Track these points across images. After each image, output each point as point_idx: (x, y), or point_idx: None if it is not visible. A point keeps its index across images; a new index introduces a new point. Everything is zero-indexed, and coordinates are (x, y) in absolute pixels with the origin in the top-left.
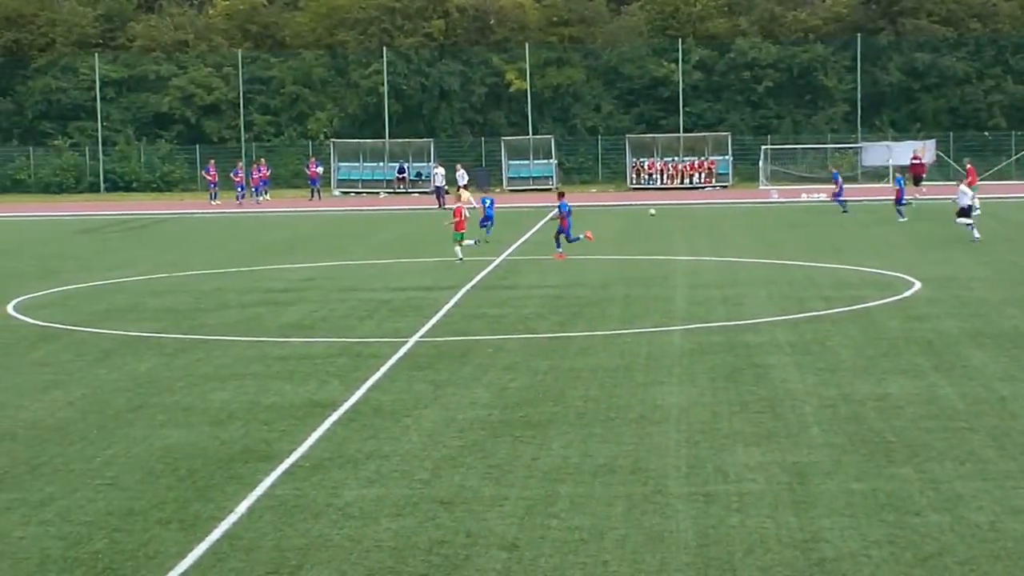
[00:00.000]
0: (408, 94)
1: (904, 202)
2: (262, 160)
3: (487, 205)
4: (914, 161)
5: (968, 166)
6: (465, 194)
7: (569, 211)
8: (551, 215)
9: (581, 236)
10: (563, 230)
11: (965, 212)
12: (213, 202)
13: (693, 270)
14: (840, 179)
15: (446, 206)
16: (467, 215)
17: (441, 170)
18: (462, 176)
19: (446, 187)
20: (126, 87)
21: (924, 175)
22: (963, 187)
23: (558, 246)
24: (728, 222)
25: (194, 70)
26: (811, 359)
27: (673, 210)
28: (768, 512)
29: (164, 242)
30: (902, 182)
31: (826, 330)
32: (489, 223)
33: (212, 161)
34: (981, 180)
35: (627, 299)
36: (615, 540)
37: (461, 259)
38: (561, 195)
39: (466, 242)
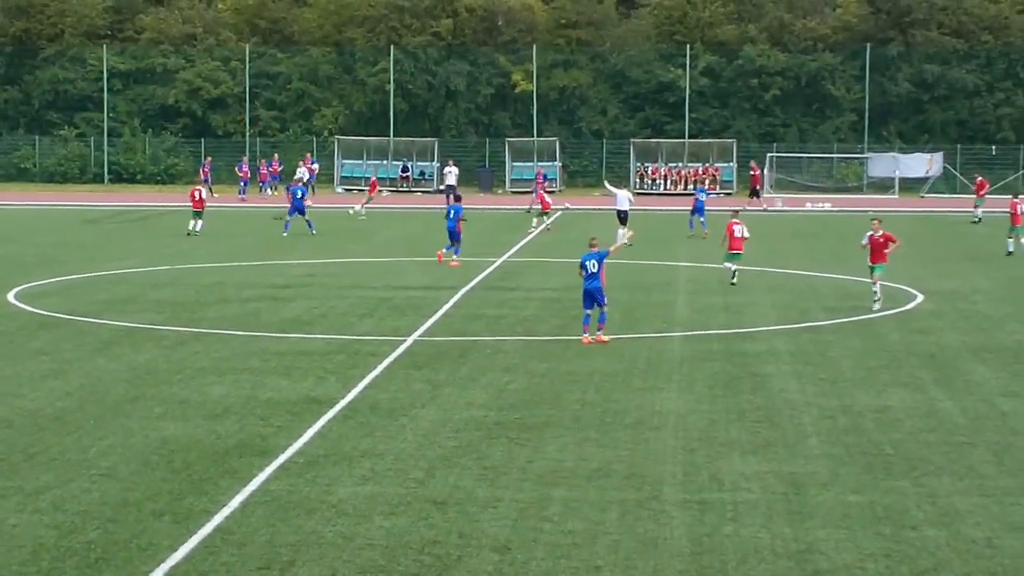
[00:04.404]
0: (414, 93)
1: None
2: (276, 156)
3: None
4: (752, 172)
5: (978, 179)
6: None
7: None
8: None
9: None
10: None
11: None
12: (241, 196)
13: (695, 277)
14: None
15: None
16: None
17: (455, 169)
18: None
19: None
20: (133, 79)
21: (760, 187)
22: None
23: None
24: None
25: (201, 64)
26: (811, 369)
27: (676, 217)
28: (763, 522)
29: (166, 234)
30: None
31: (827, 340)
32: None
33: (244, 158)
34: (988, 194)
35: (628, 304)
36: (608, 545)
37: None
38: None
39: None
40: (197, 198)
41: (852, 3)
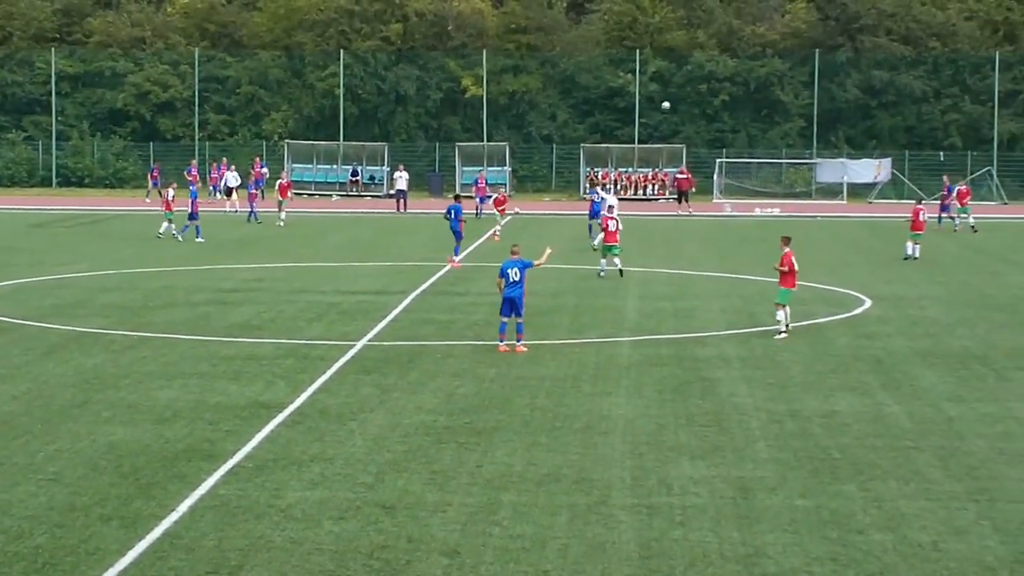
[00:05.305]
0: (364, 97)
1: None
2: (256, 159)
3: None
4: (679, 176)
5: (959, 188)
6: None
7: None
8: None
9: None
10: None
11: None
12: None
13: (644, 281)
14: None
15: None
16: None
17: (405, 174)
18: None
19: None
20: (82, 82)
21: (689, 190)
22: None
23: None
24: (681, 234)
25: (150, 67)
26: (760, 374)
27: (625, 221)
28: (711, 526)
29: (115, 238)
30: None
31: (776, 345)
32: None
33: (193, 162)
34: (936, 200)
35: (577, 309)
36: (557, 549)
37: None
38: (514, 251)
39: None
40: (168, 199)
41: (801, 9)
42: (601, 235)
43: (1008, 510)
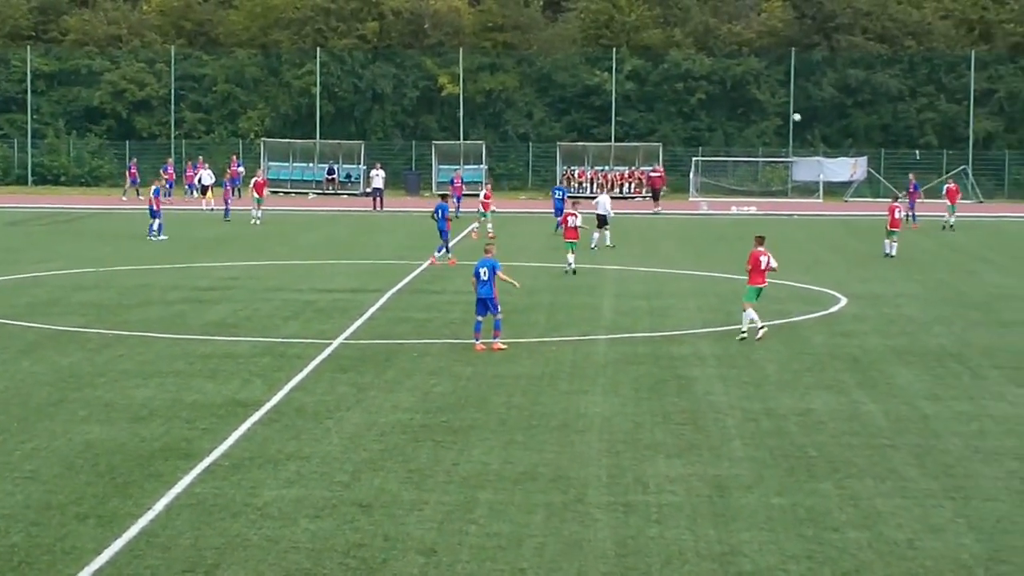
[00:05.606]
0: (340, 96)
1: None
2: (233, 157)
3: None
4: (653, 174)
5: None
6: None
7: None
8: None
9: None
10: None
11: None
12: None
13: (620, 279)
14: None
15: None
16: None
17: (382, 172)
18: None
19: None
20: (57, 80)
21: (661, 189)
22: None
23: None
24: (657, 233)
25: (126, 65)
26: (736, 372)
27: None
28: (687, 524)
29: (90, 237)
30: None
31: (751, 343)
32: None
33: (169, 160)
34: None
35: (553, 307)
36: (533, 547)
37: None
38: (487, 250)
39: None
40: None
41: (777, 8)
42: (597, 235)
43: (983, 508)
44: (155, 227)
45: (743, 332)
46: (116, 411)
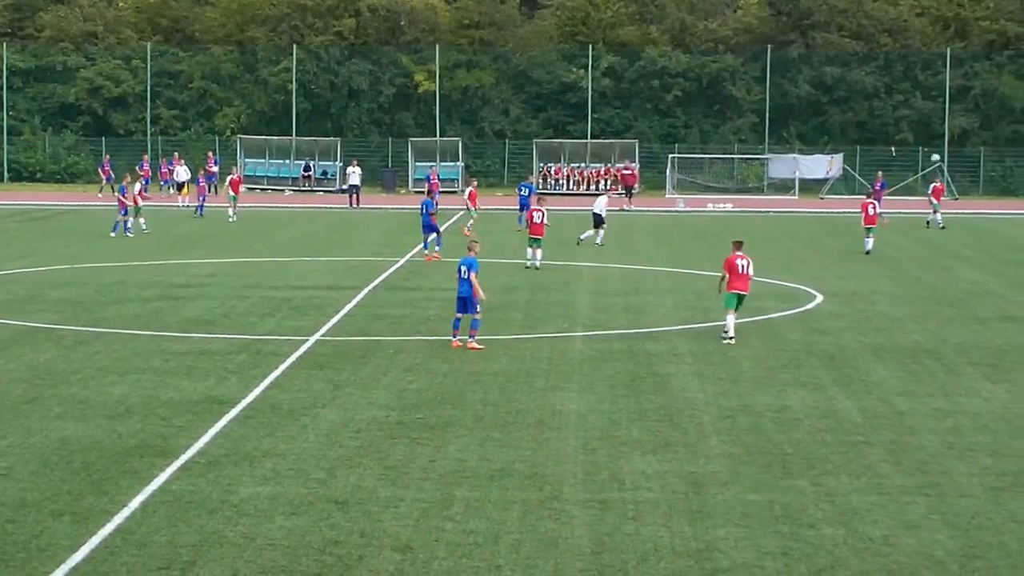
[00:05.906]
0: (317, 92)
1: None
2: (209, 154)
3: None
4: (624, 171)
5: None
6: None
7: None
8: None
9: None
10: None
11: None
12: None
13: (596, 276)
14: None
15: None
16: None
17: (358, 169)
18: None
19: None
20: (33, 77)
21: (633, 186)
22: None
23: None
24: (634, 230)
25: (102, 62)
26: (712, 369)
27: (578, 217)
28: (663, 521)
29: (66, 234)
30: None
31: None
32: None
33: (145, 157)
34: (887, 195)
35: (529, 304)
36: (510, 544)
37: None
38: (470, 248)
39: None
40: (135, 193)
41: (753, 5)
42: (590, 232)
43: (958, 504)
44: (129, 224)
45: (727, 335)
46: (92, 408)
